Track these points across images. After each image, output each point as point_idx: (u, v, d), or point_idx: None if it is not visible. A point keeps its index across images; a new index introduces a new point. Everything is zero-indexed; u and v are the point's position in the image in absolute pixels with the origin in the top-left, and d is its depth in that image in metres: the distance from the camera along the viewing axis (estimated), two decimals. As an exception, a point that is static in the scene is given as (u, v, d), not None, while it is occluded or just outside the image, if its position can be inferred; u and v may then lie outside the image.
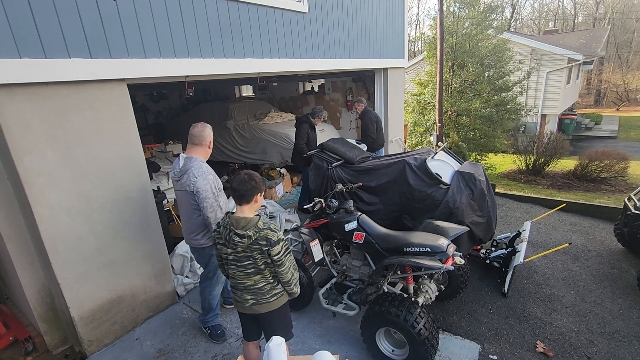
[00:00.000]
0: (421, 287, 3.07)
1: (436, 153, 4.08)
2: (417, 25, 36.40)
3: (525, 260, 3.78)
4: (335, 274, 3.54)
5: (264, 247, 2.10)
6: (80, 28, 2.74)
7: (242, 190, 2.14)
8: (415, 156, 3.93)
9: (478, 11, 11.17)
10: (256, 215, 2.21)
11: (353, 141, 5.07)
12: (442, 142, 8.58)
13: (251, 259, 2.15)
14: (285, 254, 2.18)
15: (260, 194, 2.24)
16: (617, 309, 3.61)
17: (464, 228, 3.15)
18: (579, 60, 14.82)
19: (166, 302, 3.74)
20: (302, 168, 5.75)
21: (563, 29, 31.86)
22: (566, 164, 9.60)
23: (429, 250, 2.70)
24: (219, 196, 2.83)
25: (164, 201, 4.36)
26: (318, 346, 3.14)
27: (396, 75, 7.53)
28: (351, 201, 3.38)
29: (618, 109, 26.28)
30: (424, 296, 3.03)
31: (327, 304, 3.33)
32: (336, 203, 3.41)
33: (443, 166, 3.93)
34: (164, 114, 10.65)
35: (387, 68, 7.16)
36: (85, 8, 2.75)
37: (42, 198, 2.71)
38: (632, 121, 20.78)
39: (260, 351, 2.61)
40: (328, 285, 3.54)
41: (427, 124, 11.68)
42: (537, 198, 6.75)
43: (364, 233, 3.14)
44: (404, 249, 2.82)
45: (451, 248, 2.72)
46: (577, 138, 16.84)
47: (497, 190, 7.19)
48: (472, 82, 11.02)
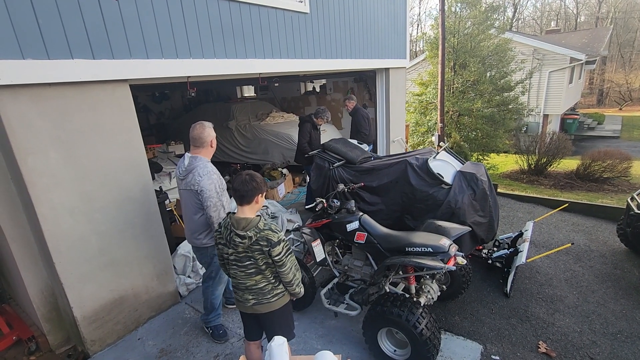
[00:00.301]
0: (423, 287, 3.07)
1: (438, 153, 4.07)
2: (419, 25, 36.36)
3: (527, 260, 3.77)
4: (337, 274, 3.55)
5: (265, 248, 2.10)
6: (82, 29, 2.76)
7: (243, 190, 2.15)
8: (417, 156, 3.93)
9: (480, 11, 11.16)
10: (257, 215, 2.21)
11: (355, 141, 5.07)
12: (444, 142, 8.57)
13: (252, 260, 2.16)
14: (286, 255, 2.18)
15: (261, 195, 2.24)
16: (620, 310, 3.60)
17: (466, 228, 3.14)
18: (581, 59, 14.74)
19: (168, 302, 3.75)
20: (306, 167, 5.74)
21: (565, 29, 31.70)
22: (568, 164, 9.56)
23: (431, 250, 2.70)
24: (223, 196, 2.85)
25: (166, 201, 4.37)
26: (320, 346, 3.14)
27: (398, 75, 7.52)
28: (353, 201, 3.38)
29: (621, 109, 26.16)
30: (426, 296, 3.02)
31: (329, 304, 3.34)
32: (338, 203, 3.41)
33: (445, 166, 3.92)
34: (166, 115, 10.67)
35: (389, 68, 7.15)
36: (87, 9, 2.76)
37: (45, 198, 2.73)
38: (635, 121, 20.67)
39: (262, 351, 2.62)
40: (330, 285, 3.54)
41: (429, 124, 11.67)
42: (540, 198, 6.73)
43: (366, 233, 3.14)
44: (406, 249, 2.82)
45: (453, 248, 2.72)
46: (580, 138, 16.75)
47: (499, 190, 7.18)
48: (474, 82, 11.01)
